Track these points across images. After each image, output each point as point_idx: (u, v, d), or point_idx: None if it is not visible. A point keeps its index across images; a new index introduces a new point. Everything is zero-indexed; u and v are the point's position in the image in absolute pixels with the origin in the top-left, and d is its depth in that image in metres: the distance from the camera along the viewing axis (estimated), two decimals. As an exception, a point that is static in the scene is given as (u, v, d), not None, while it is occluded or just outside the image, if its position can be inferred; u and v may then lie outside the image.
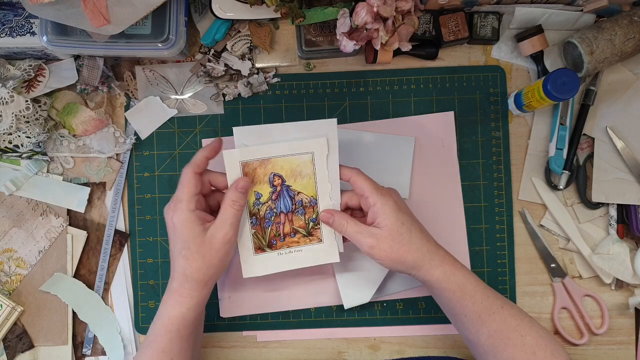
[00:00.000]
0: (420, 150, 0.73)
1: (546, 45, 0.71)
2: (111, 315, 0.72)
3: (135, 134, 0.73)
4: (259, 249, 0.65)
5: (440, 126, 0.73)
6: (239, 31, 0.72)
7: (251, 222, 0.65)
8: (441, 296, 0.61)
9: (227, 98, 0.73)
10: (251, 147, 0.63)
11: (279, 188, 0.65)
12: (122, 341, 0.72)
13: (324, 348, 0.73)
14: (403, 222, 0.60)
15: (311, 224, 0.66)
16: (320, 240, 0.66)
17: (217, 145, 0.62)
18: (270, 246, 0.65)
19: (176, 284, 0.59)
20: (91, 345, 0.72)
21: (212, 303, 0.73)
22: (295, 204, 0.65)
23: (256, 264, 0.66)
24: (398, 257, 0.59)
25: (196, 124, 0.74)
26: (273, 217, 0.65)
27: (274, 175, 0.64)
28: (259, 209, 0.65)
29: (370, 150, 0.72)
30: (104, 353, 0.72)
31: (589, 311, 0.73)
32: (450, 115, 0.73)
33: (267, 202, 0.65)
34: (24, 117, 0.69)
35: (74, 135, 0.73)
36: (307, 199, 0.65)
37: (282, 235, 0.66)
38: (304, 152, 0.64)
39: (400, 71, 0.74)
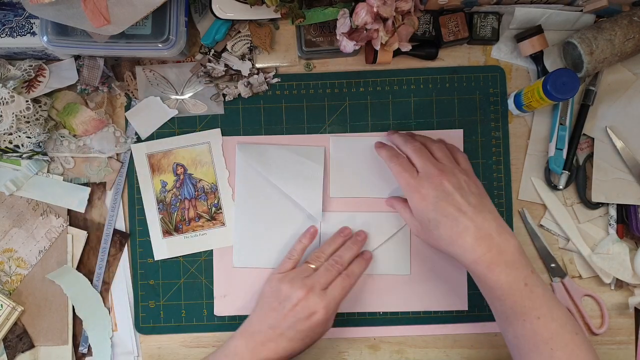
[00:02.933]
0: None
1: (546, 46, 0.71)
2: (107, 318, 0.72)
3: (136, 134, 0.74)
4: (167, 232, 0.72)
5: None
6: (239, 31, 0.72)
7: (158, 208, 0.72)
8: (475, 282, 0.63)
9: (227, 98, 0.73)
10: (155, 140, 0.72)
11: (182, 176, 0.72)
12: (111, 346, 0.72)
13: (324, 348, 0.73)
14: (429, 219, 0.62)
15: (214, 209, 0.72)
16: (223, 224, 0.73)
17: (314, 232, 0.71)
18: (177, 230, 0.72)
19: None
20: (87, 344, 0.72)
21: (211, 303, 0.73)
22: (198, 191, 0.72)
23: (164, 247, 0.72)
24: (435, 246, 0.64)
25: (196, 124, 0.74)
26: (178, 203, 0.72)
27: (177, 164, 0.72)
28: (165, 196, 0.72)
29: (376, 156, 0.72)
30: (103, 353, 0.72)
31: (588, 311, 0.73)
32: (459, 133, 0.73)
33: (172, 189, 0.72)
34: (25, 117, 0.69)
35: (74, 136, 0.73)
36: (208, 185, 0.72)
37: (187, 219, 0.72)
38: (201, 142, 0.72)
39: (400, 71, 0.74)
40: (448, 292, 0.72)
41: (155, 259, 0.73)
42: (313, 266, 0.67)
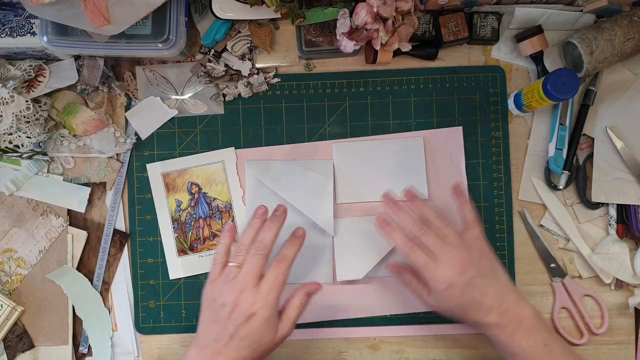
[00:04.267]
0: (427, 165, 0.73)
1: (546, 46, 0.71)
2: (107, 317, 0.72)
3: (136, 134, 0.74)
4: (182, 251, 0.72)
5: (448, 141, 0.73)
6: (239, 31, 0.72)
7: (174, 227, 0.72)
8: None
9: (227, 98, 0.73)
10: (170, 160, 0.72)
11: (196, 195, 0.72)
12: (111, 346, 0.72)
13: (324, 348, 0.73)
14: (456, 304, 0.63)
15: None
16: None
17: (231, 227, 0.64)
18: (192, 249, 0.72)
19: None
20: (87, 344, 0.72)
21: (212, 303, 0.73)
22: (212, 210, 0.72)
23: (179, 265, 0.72)
24: (459, 320, 0.65)
25: (196, 124, 0.74)
26: (193, 222, 0.72)
27: (191, 183, 0.72)
28: (180, 215, 0.72)
29: (380, 158, 0.72)
30: (102, 353, 0.72)
31: (588, 311, 0.73)
32: (459, 131, 0.73)
33: (187, 208, 0.73)
34: (25, 117, 0.69)
35: (74, 136, 0.73)
36: (222, 204, 0.72)
37: (202, 238, 0.72)
38: (215, 161, 0.72)
39: (400, 71, 0.74)
40: None
41: (171, 279, 0.73)
42: (234, 264, 0.61)
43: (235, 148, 0.73)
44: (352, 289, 0.72)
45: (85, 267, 0.73)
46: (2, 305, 0.70)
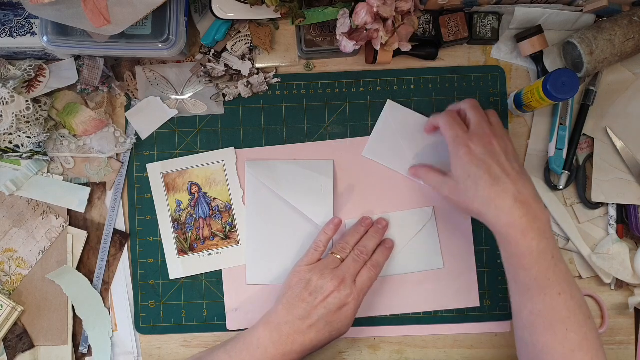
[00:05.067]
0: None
1: (546, 46, 0.71)
2: (107, 317, 0.72)
3: (136, 134, 0.74)
4: (182, 251, 0.73)
5: None
6: (239, 31, 0.72)
7: (174, 227, 0.72)
8: (501, 250, 0.61)
9: (227, 98, 0.73)
10: (170, 160, 0.73)
11: (196, 195, 0.72)
12: (111, 346, 0.72)
13: (323, 348, 0.73)
14: (470, 175, 0.60)
15: (228, 227, 0.72)
16: (238, 243, 0.72)
17: (338, 223, 0.70)
18: (192, 249, 0.73)
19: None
20: (87, 344, 0.72)
21: (211, 303, 0.73)
22: (212, 210, 0.72)
23: (180, 265, 0.73)
24: (465, 207, 0.62)
25: (196, 124, 0.74)
26: (193, 222, 0.73)
27: (191, 183, 0.72)
28: (180, 215, 0.73)
29: (421, 135, 0.72)
30: (102, 353, 0.72)
31: (588, 311, 0.73)
32: None
33: (187, 208, 0.73)
34: (25, 117, 0.69)
35: (74, 136, 0.73)
36: (222, 204, 0.72)
37: (202, 238, 0.72)
38: (215, 161, 0.72)
39: (400, 71, 0.74)
40: (460, 289, 0.72)
41: (171, 279, 0.73)
42: (339, 257, 0.67)
43: (235, 148, 0.73)
44: None
45: (85, 267, 0.73)
46: (2, 305, 0.70)
